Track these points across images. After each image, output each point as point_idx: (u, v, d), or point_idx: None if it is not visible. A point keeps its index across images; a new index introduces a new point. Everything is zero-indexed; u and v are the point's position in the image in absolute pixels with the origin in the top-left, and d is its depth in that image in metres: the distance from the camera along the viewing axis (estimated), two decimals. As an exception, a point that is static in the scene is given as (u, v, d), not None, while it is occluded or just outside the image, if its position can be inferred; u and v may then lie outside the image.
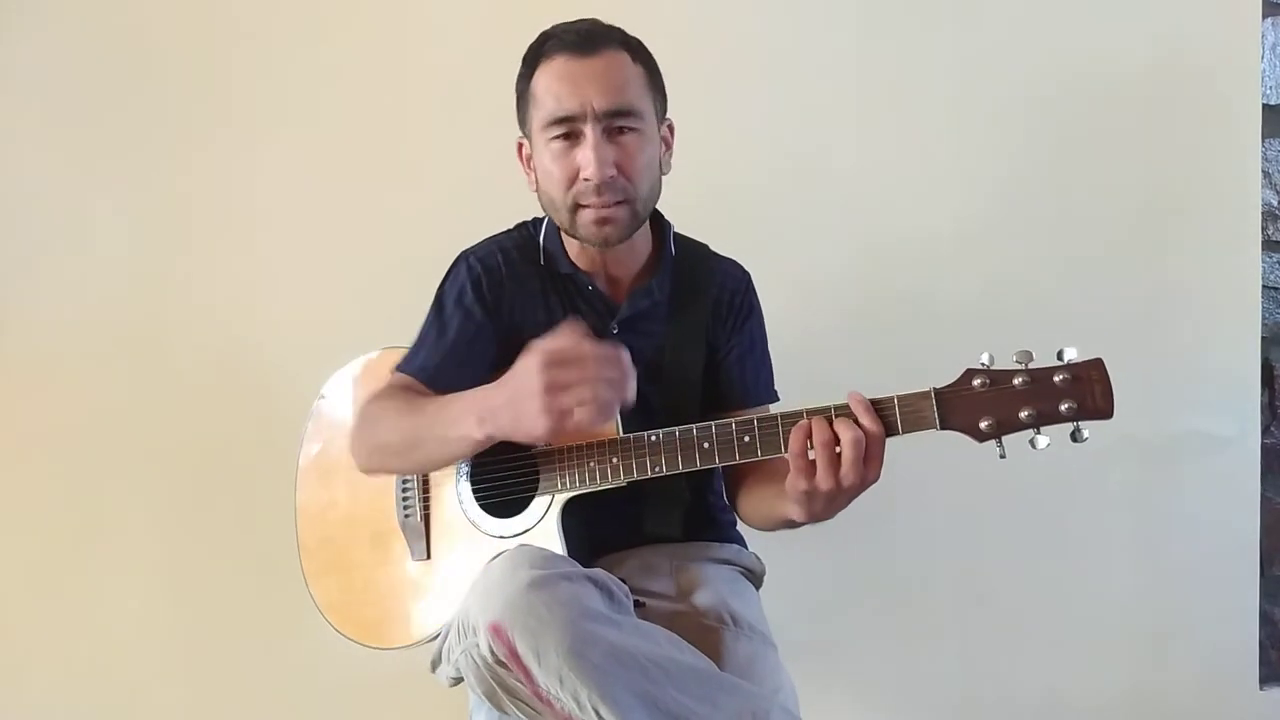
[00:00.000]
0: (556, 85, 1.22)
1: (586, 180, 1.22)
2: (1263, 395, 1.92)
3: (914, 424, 1.09)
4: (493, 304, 1.31)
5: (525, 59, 1.27)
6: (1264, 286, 1.90)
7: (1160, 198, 1.87)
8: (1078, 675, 1.91)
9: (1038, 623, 1.90)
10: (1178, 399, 1.89)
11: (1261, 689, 1.95)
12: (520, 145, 1.32)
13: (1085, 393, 1.06)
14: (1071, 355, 1.06)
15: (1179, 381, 1.89)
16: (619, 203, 1.24)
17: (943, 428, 1.09)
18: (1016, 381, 1.07)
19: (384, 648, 1.32)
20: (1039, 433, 1.08)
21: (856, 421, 1.08)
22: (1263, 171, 1.89)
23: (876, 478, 1.10)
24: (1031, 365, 1.07)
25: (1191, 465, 1.90)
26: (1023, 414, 1.07)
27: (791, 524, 1.21)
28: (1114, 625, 1.91)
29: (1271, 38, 1.89)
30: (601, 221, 1.24)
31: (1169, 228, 1.88)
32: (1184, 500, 1.91)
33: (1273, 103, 1.89)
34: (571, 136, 1.23)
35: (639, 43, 1.28)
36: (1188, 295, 1.88)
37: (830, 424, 1.08)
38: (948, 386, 1.09)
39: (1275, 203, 1.92)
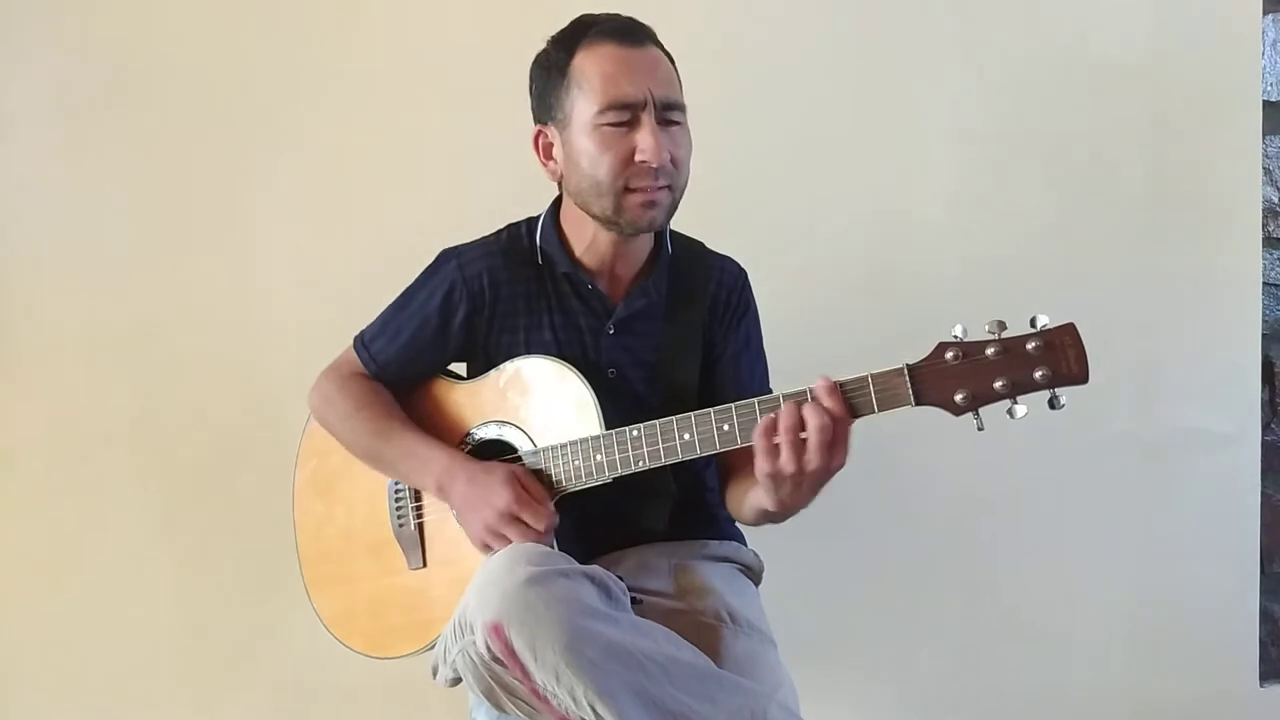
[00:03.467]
0: (613, 70, 1.21)
1: (644, 163, 1.21)
2: (1263, 392, 1.92)
3: (889, 402, 1.08)
4: (463, 318, 1.32)
5: (560, 43, 1.25)
6: (1264, 283, 1.90)
7: (1160, 195, 1.87)
8: (1078, 673, 1.91)
9: (1037, 621, 1.90)
10: (1178, 396, 1.89)
11: (1262, 686, 1.95)
12: (539, 135, 1.29)
13: (1058, 359, 1.04)
14: (1044, 322, 1.05)
15: (1179, 378, 1.89)
16: (664, 187, 1.24)
17: (918, 403, 1.08)
18: (989, 352, 1.05)
19: (388, 657, 1.32)
20: (1016, 402, 1.06)
21: (822, 405, 1.07)
22: (1263, 168, 1.88)
23: (842, 463, 1.09)
24: (1004, 335, 1.05)
25: (1192, 462, 1.90)
26: (997, 384, 1.05)
27: (769, 515, 1.21)
28: (1114, 623, 1.91)
29: (1272, 34, 1.88)
30: (649, 204, 1.23)
31: (1169, 225, 1.87)
32: (1184, 498, 1.90)
33: (1273, 99, 1.89)
34: (627, 123, 1.21)
35: (664, 46, 1.28)
36: (1188, 292, 1.88)
37: (798, 409, 1.08)
38: (921, 361, 1.08)
39: (1275, 199, 1.91)
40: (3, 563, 1.83)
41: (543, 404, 1.27)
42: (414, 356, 1.35)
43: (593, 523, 1.27)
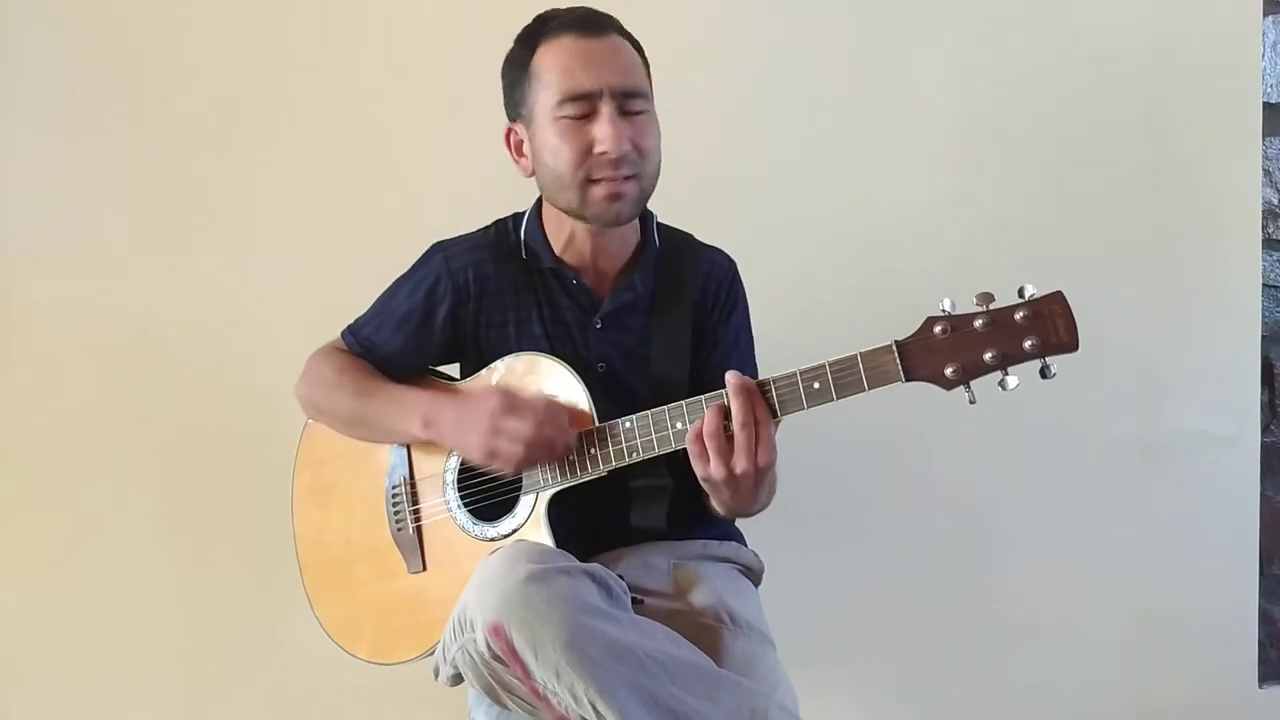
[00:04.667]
0: (570, 61, 1.21)
1: (603, 154, 1.21)
2: (1263, 394, 1.92)
3: (879, 379, 1.08)
4: (447, 310, 1.32)
5: (522, 40, 1.27)
6: (1264, 285, 1.90)
7: (1161, 196, 1.87)
8: (1077, 674, 1.91)
9: (1037, 622, 1.90)
10: (1178, 397, 1.89)
11: (1261, 687, 1.95)
12: (510, 132, 1.31)
13: (1047, 327, 1.04)
14: (1032, 292, 1.04)
15: (1179, 380, 1.89)
16: (630, 178, 1.23)
17: (909, 379, 1.07)
18: (977, 324, 1.05)
19: (391, 663, 1.32)
20: (1007, 374, 1.05)
21: (743, 407, 1.09)
22: (1263, 170, 1.89)
23: (768, 461, 1.11)
24: (992, 306, 1.05)
25: (1191, 463, 1.90)
26: (987, 356, 1.04)
27: (725, 516, 1.25)
28: (1114, 624, 1.91)
29: (1272, 35, 1.88)
30: (614, 196, 1.23)
31: (1169, 226, 1.88)
32: (1184, 499, 1.90)
33: (1273, 101, 1.89)
34: (586, 114, 1.21)
35: (632, 35, 1.28)
36: (1188, 293, 1.88)
37: (720, 412, 1.11)
38: (909, 337, 1.08)
39: (1275, 201, 1.91)
40: (2, 563, 1.83)
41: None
42: (399, 347, 1.35)
43: (591, 521, 1.27)
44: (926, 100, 1.84)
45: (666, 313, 1.34)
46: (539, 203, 1.35)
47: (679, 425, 1.17)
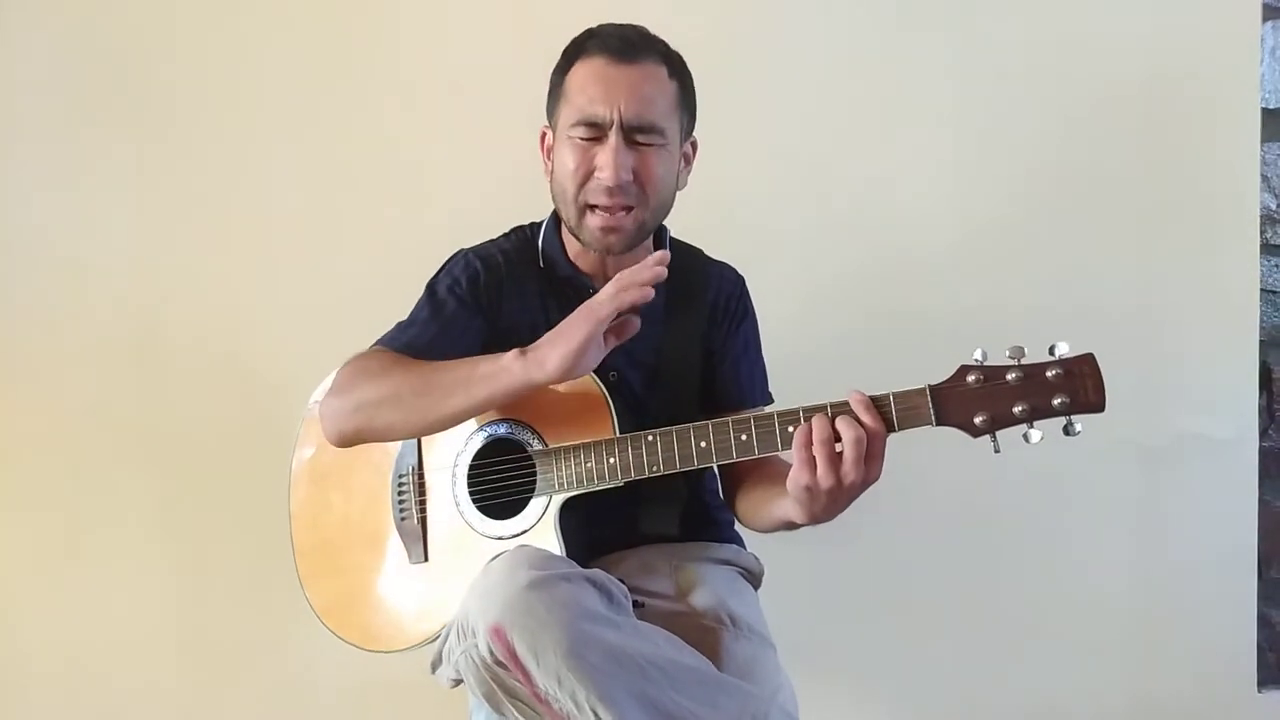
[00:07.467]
0: (590, 86, 1.24)
1: (600, 180, 1.23)
2: (1261, 398, 1.92)
3: (910, 420, 1.10)
4: (487, 303, 1.32)
5: (565, 52, 1.29)
6: (1263, 290, 1.90)
7: (1160, 201, 1.88)
8: (1076, 677, 1.91)
9: (1036, 625, 1.90)
10: (1176, 402, 1.89)
11: (1259, 691, 1.95)
12: (544, 135, 1.34)
13: (1078, 387, 1.08)
14: (1063, 350, 1.08)
15: (1177, 384, 1.89)
16: (627, 209, 1.25)
17: (938, 424, 1.10)
18: (1010, 377, 1.08)
19: (383, 651, 1.32)
20: (1032, 427, 1.09)
21: (858, 419, 1.09)
22: (1262, 175, 1.89)
23: (877, 476, 1.11)
24: (1024, 361, 1.09)
25: (1190, 468, 1.90)
26: (1016, 409, 1.08)
27: (791, 525, 1.21)
28: (1112, 627, 1.91)
29: (1271, 41, 1.89)
30: (607, 230, 1.26)
31: (1168, 231, 1.88)
32: (1182, 503, 1.91)
33: (1272, 106, 1.89)
34: (596, 138, 1.24)
35: (679, 58, 1.29)
36: (1187, 298, 1.88)
37: (831, 421, 1.09)
38: (943, 383, 1.11)
39: (1274, 206, 1.92)
40: (3, 562, 1.83)
41: (556, 405, 1.26)
42: (456, 334, 1.28)
43: (601, 523, 1.28)
44: (924, 108, 1.85)
45: (677, 323, 1.35)
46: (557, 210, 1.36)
47: (703, 444, 1.17)
